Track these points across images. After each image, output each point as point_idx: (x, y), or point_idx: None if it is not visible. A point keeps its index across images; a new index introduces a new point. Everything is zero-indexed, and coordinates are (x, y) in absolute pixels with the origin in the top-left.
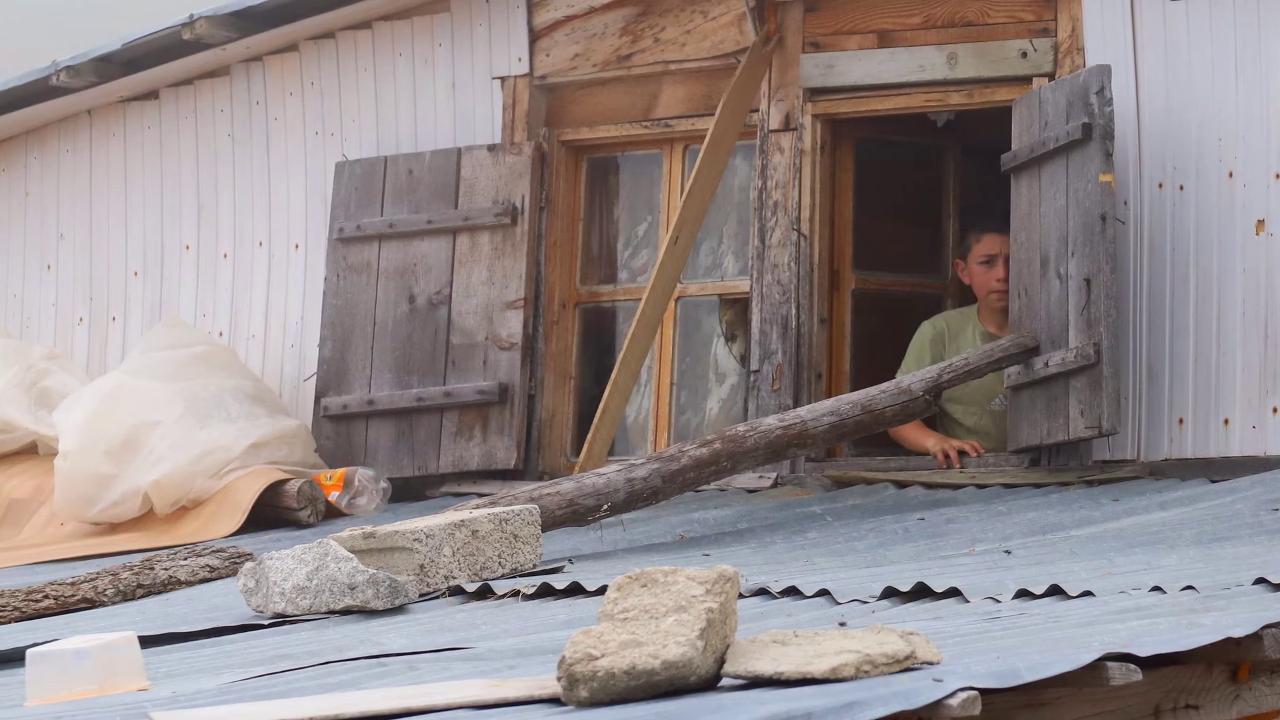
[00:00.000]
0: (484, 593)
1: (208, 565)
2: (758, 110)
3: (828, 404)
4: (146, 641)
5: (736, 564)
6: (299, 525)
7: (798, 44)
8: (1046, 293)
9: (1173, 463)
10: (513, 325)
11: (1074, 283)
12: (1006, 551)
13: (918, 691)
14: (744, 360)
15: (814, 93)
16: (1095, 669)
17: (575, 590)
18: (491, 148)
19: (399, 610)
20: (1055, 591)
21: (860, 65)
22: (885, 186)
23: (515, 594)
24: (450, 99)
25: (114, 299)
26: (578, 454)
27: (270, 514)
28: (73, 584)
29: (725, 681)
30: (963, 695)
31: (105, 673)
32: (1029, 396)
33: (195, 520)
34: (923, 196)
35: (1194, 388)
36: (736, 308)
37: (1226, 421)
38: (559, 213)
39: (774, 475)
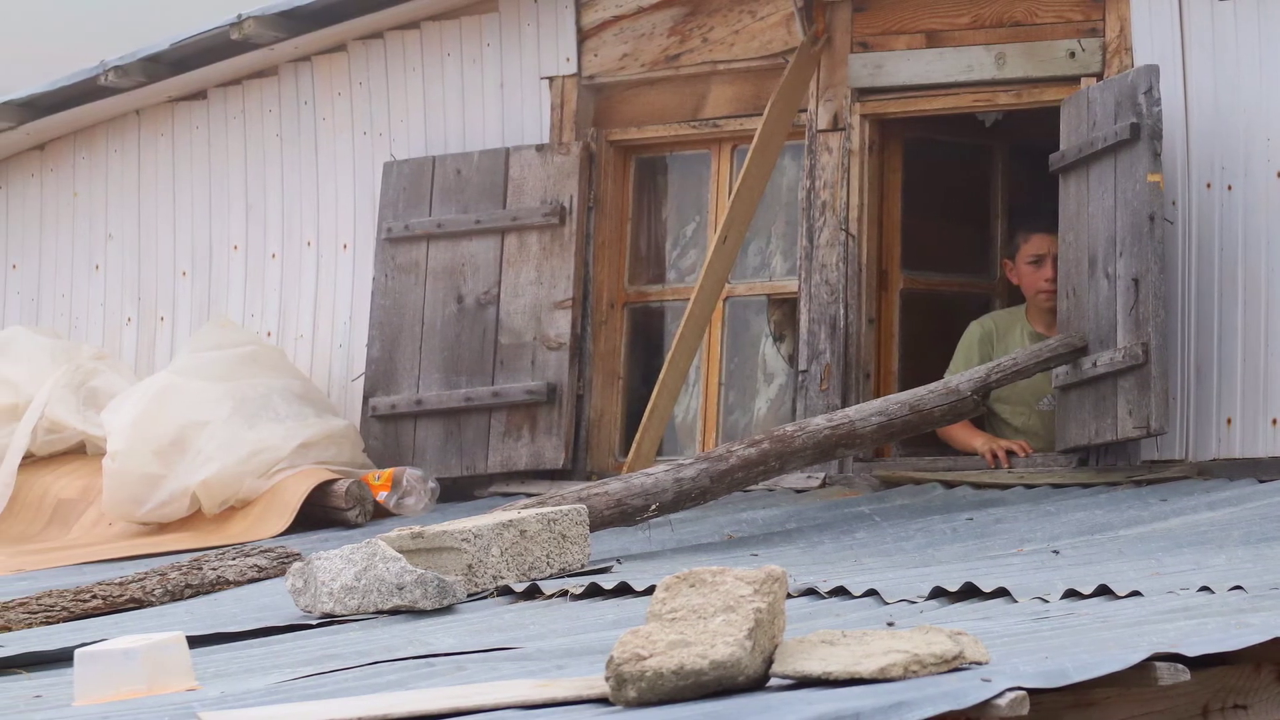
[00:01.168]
0: (532, 593)
1: (256, 565)
2: (806, 110)
3: (876, 404)
4: (194, 641)
5: (784, 564)
6: (347, 525)
7: (846, 44)
8: (1095, 293)
9: (1221, 463)
10: (561, 325)
11: (1122, 283)
12: (1055, 551)
13: (966, 691)
14: (792, 360)
15: (862, 93)
16: (1143, 669)
17: (623, 590)
18: (540, 148)
19: (447, 610)
20: (1103, 591)
21: (908, 65)
22: (933, 186)
23: (563, 594)
24: (498, 99)
25: (162, 299)
26: (626, 454)
27: (318, 514)
28: (121, 584)
29: (773, 682)
30: (1011, 695)
31: (153, 673)
32: (1077, 396)
33: (243, 520)
34: (971, 196)
35: (1242, 388)
36: (785, 308)
37: (1275, 421)
38: (607, 213)
39: (822, 475)
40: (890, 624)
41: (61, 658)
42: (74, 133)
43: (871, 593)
